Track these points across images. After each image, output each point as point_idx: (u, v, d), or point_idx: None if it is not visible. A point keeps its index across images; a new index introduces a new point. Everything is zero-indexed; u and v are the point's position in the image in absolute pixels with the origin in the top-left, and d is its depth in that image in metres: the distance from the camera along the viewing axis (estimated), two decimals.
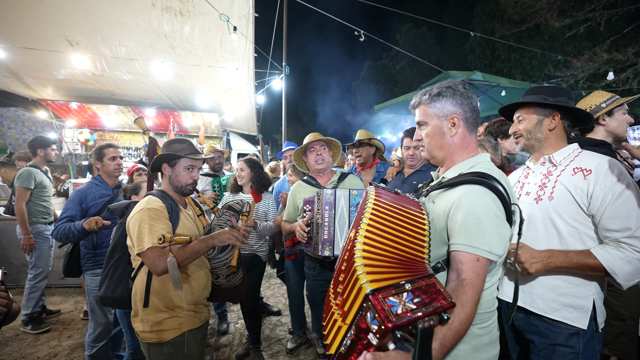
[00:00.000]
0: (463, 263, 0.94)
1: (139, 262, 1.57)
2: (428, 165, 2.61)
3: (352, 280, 0.79)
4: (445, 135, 1.14)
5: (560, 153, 1.39)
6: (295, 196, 2.28)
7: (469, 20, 16.12)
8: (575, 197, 1.26)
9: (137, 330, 1.57)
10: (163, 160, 1.67)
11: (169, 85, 7.37)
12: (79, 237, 2.30)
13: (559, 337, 1.28)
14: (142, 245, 1.44)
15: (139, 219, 1.48)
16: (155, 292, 1.54)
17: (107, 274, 1.65)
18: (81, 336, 3.09)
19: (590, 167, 1.27)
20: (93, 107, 8.19)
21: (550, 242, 1.32)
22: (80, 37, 5.50)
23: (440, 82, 1.19)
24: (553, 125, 1.40)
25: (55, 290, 4.16)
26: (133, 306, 1.59)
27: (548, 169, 1.41)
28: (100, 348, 2.40)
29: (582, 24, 9.17)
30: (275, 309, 3.71)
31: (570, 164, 1.34)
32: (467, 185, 1.01)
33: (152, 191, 1.70)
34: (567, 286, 1.28)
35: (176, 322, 1.56)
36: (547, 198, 1.34)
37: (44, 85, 7.39)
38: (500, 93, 6.77)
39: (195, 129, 9.40)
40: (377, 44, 25.46)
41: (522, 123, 1.46)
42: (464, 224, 0.96)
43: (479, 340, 1.05)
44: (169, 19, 5.17)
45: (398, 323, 0.65)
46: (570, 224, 1.28)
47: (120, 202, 1.84)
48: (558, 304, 1.29)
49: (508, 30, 11.65)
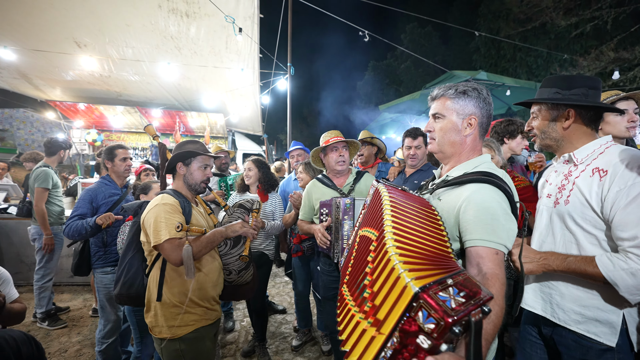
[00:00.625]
0: (483, 257, 0.95)
1: (153, 257, 1.61)
2: (429, 165, 2.63)
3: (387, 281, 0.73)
4: (460, 133, 1.14)
5: (583, 150, 1.24)
6: (311, 196, 2.28)
7: (473, 19, 16.03)
8: (591, 202, 1.15)
9: (150, 325, 1.60)
10: (179, 159, 1.72)
11: (175, 86, 7.44)
12: (91, 233, 2.34)
13: (589, 353, 1.17)
14: (159, 237, 1.49)
15: (155, 213, 1.53)
16: (168, 286, 1.58)
17: (123, 272, 1.68)
18: (90, 332, 3.15)
19: (607, 167, 1.14)
20: (100, 108, 8.30)
21: (569, 249, 1.22)
22: (88, 39, 5.59)
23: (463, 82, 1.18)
24: (567, 124, 1.26)
25: (64, 288, 4.23)
26: (146, 301, 1.62)
27: (569, 168, 1.28)
28: (110, 344, 2.45)
29: (588, 22, 9.08)
30: (281, 307, 3.74)
31: (592, 163, 1.20)
32: (476, 183, 1.03)
33: (164, 190, 1.76)
34: (589, 297, 1.17)
35: (190, 318, 1.59)
36: (563, 202, 1.24)
37: (53, 86, 7.51)
38: (505, 93, 6.73)
39: (201, 129, 9.48)
40: (381, 44, 25.40)
41: (535, 120, 1.36)
42: (479, 220, 0.97)
43: None
44: (175, 20, 5.23)
45: (457, 317, 0.60)
46: (587, 230, 1.17)
47: (133, 202, 1.89)
48: (580, 317, 1.18)
49: (513, 29, 11.58)
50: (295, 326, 3.31)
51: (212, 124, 9.21)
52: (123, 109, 8.40)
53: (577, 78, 1.26)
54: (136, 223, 1.71)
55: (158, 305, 1.57)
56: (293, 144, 3.68)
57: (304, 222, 2.32)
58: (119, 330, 2.54)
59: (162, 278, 1.58)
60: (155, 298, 1.57)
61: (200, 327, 1.62)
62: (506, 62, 13.90)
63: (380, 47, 24.06)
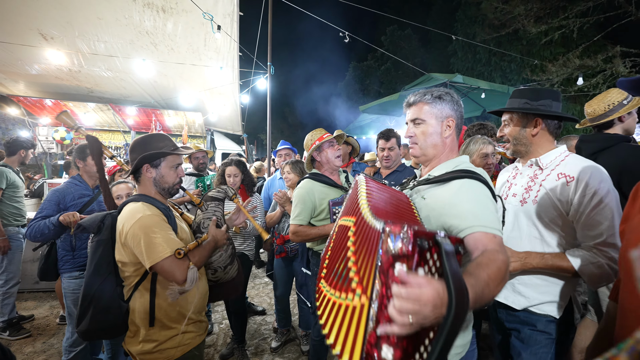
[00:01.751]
0: (483, 241, 0.95)
1: (138, 277, 1.41)
2: (404, 165, 2.69)
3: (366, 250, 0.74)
4: (441, 135, 1.21)
5: (547, 156, 1.41)
6: (314, 197, 2.10)
7: (451, 24, 16.50)
8: (557, 203, 1.31)
9: (134, 353, 1.41)
10: (146, 160, 1.49)
11: (150, 83, 7.19)
12: (55, 233, 2.21)
13: (538, 324, 1.36)
14: (156, 256, 1.31)
15: (141, 229, 1.34)
16: (162, 309, 1.41)
17: (90, 304, 1.37)
18: (57, 341, 2.99)
19: (573, 174, 1.29)
20: (69, 105, 7.88)
21: (533, 244, 1.38)
22: (55, 32, 5.28)
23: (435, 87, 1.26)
24: (535, 131, 1.42)
25: (28, 295, 3.99)
26: (130, 327, 1.43)
27: (535, 172, 1.44)
28: (78, 352, 2.34)
29: (556, 30, 9.57)
30: (260, 308, 3.70)
31: (556, 168, 1.37)
32: (461, 179, 1.08)
33: (131, 197, 1.53)
34: (545, 284, 1.35)
35: (187, 337, 1.48)
36: (531, 201, 1.38)
37: (15, 80, 7.05)
38: (480, 95, 6.97)
39: (179, 128, 9.21)
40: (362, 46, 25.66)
41: (507, 128, 1.49)
42: (472, 210, 1.01)
43: None
44: (151, 15, 5.05)
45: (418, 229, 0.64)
46: (551, 227, 1.34)
47: (93, 216, 1.52)
48: (537, 301, 1.36)
49: (488, 34, 12.02)
50: (274, 327, 3.28)
51: (190, 123, 8.98)
52: (95, 106, 8.02)
53: (543, 91, 1.43)
54: (102, 242, 1.42)
55: (150, 331, 1.40)
56: (282, 143, 3.64)
57: (305, 227, 2.12)
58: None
59: (152, 301, 1.39)
60: (147, 324, 1.39)
61: (196, 346, 1.52)
62: (482, 66, 14.40)
63: (361, 48, 24.29)
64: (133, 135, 8.98)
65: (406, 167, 2.65)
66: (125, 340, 1.46)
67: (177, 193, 1.65)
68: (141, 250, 1.33)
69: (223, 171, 2.81)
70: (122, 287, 1.45)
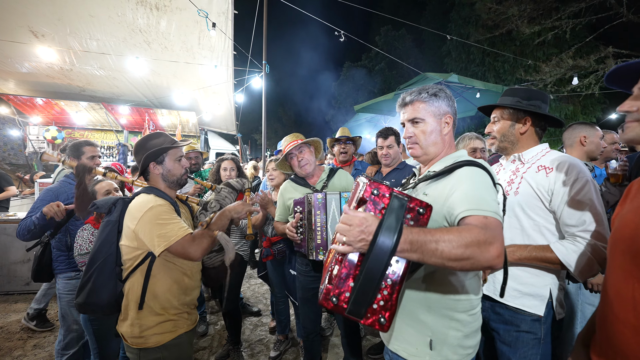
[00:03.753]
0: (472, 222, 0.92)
1: (137, 261, 1.48)
2: (404, 163, 2.68)
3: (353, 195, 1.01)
4: (441, 133, 1.20)
5: (529, 152, 1.47)
6: (284, 197, 2.22)
7: (445, 24, 16.62)
8: (538, 193, 1.35)
9: (125, 335, 1.49)
10: (150, 159, 1.58)
11: (144, 81, 7.11)
12: (41, 228, 2.14)
13: (523, 324, 1.36)
14: (170, 238, 1.40)
15: (154, 217, 1.42)
16: (152, 294, 1.47)
17: (90, 278, 1.48)
18: (49, 344, 2.93)
19: (552, 166, 1.35)
20: (61, 103, 7.74)
21: (513, 234, 1.41)
22: (46, 29, 5.20)
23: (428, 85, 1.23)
24: (524, 129, 1.46)
25: (18, 297, 3.91)
26: (123, 309, 1.50)
27: (517, 166, 1.49)
28: (71, 356, 2.28)
29: (549, 31, 9.69)
30: (256, 309, 3.66)
31: (536, 162, 1.42)
32: (461, 167, 1.07)
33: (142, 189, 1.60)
34: (526, 276, 1.37)
35: (172, 325, 1.51)
36: (513, 193, 1.43)
37: (5, 78, 6.93)
38: (475, 95, 7.01)
39: (172, 128, 9.12)
40: (356, 45, 25.70)
41: (497, 125, 1.53)
42: (467, 194, 0.99)
43: (470, 327, 1.11)
44: (144, 13, 4.99)
45: (377, 183, 0.90)
46: (532, 217, 1.37)
47: (107, 198, 1.67)
48: (518, 293, 1.37)
49: (482, 35, 12.13)
50: (271, 328, 3.25)
51: (183, 122, 8.89)
52: (87, 104, 7.90)
53: (535, 92, 1.48)
54: (111, 222, 1.54)
55: (138, 315, 1.45)
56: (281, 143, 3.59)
57: (279, 223, 2.27)
58: (82, 341, 2.36)
59: (145, 284, 1.46)
60: (137, 307, 1.45)
61: (182, 333, 1.55)
62: (475, 66, 14.52)
63: (355, 48, 24.33)
64: (126, 134, 8.87)
65: (407, 165, 2.64)
66: (118, 323, 1.53)
67: (186, 183, 1.71)
68: (152, 236, 1.40)
69: (219, 167, 2.79)
70: (120, 269, 1.52)
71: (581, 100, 11.47)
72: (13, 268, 3.91)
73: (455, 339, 1.09)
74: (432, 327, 1.10)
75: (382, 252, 0.81)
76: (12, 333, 3.13)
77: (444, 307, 1.09)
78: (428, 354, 1.09)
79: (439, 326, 1.09)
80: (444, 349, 1.08)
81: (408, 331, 1.15)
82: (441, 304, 1.09)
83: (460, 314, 1.09)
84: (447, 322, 1.09)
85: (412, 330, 1.13)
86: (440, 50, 17.66)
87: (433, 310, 1.10)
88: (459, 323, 1.09)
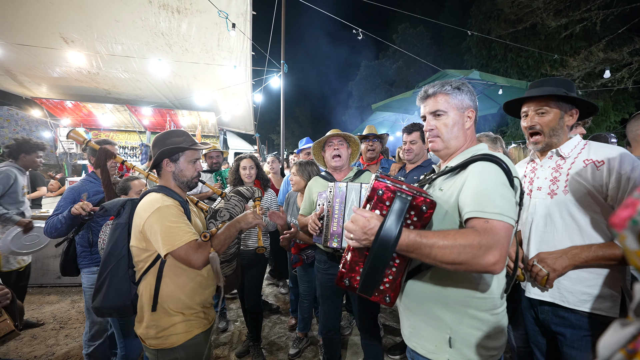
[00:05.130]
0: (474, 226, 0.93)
1: (148, 263, 1.47)
2: (429, 161, 2.63)
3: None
4: (463, 127, 1.17)
5: (567, 146, 1.38)
6: (311, 190, 2.31)
7: (465, 20, 16.21)
8: (591, 189, 1.26)
9: (142, 337, 1.49)
10: (165, 155, 1.55)
11: (165, 83, 7.32)
12: (67, 226, 2.23)
13: (596, 328, 1.26)
14: (174, 243, 1.36)
15: (160, 218, 1.39)
16: (165, 295, 1.45)
17: (104, 282, 1.47)
18: (79, 335, 3.06)
19: (602, 159, 1.26)
20: (88, 106, 8.11)
21: (572, 236, 1.30)
22: (75, 35, 5.44)
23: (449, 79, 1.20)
24: (571, 122, 1.37)
25: (51, 290, 4.12)
26: (138, 311, 1.50)
27: (556, 162, 1.39)
28: (97, 347, 2.37)
29: (578, 23, 9.24)
30: (275, 306, 3.69)
31: (579, 156, 1.33)
32: (475, 162, 1.04)
33: (152, 188, 1.58)
34: (593, 277, 1.27)
35: (187, 325, 1.49)
36: (561, 192, 1.33)
37: (38, 83, 7.31)
38: (498, 92, 6.78)
39: (192, 128, 9.34)
40: (373, 44, 25.50)
41: (545, 116, 1.38)
42: (473, 193, 0.98)
43: (492, 327, 1.07)
44: (166, 16, 5.13)
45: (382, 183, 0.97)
46: (589, 215, 1.27)
47: (115, 200, 1.65)
48: (587, 296, 1.27)
49: (504, 30, 11.71)
50: (290, 325, 3.27)
51: (203, 123, 9.09)
52: (112, 107, 8.22)
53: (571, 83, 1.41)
54: (120, 225, 1.52)
55: (152, 316, 1.45)
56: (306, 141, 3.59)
57: (302, 217, 2.33)
58: (107, 332, 2.46)
59: (157, 286, 1.45)
60: (150, 309, 1.44)
61: (199, 333, 1.53)
62: (497, 63, 14.07)
63: (372, 47, 24.15)
64: (148, 135, 9.15)
65: (431, 162, 2.59)
66: (135, 324, 1.53)
67: (195, 186, 1.67)
68: (157, 238, 1.37)
69: (237, 166, 2.80)
70: (133, 270, 1.52)
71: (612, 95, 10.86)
72: (46, 262, 4.12)
73: (476, 338, 1.05)
74: (450, 324, 1.07)
75: (382, 250, 0.91)
76: (47, 323, 3.29)
77: (461, 304, 1.06)
78: (447, 351, 1.07)
79: (457, 323, 1.06)
80: (464, 348, 1.05)
81: (426, 329, 1.12)
82: (458, 301, 1.06)
83: (481, 313, 1.06)
84: (466, 320, 1.06)
85: (430, 328, 1.11)
86: (459, 47, 17.24)
87: (450, 306, 1.07)
88: (479, 322, 1.05)
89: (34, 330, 3.14)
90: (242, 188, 1.83)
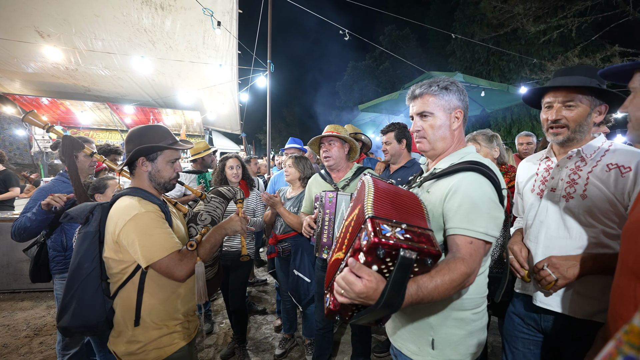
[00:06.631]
0: (459, 245, 0.97)
1: (126, 275, 1.32)
2: (413, 161, 2.67)
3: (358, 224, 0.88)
4: (450, 128, 1.16)
5: (590, 147, 1.24)
6: (310, 190, 2.34)
7: (450, 23, 16.51)
8: (612, 196, 1.15)
9: (119, 354, 1.34)
10: (141, 153, 1.40)
11: (148, 81, 7.14)
12: (38, 223, 2.04)
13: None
14: (152, 256, 1.25)
15: (138, 226, 1.26)
16: (147, 308, 1.33)
17: (73, 298, 1.28)
18: (54, 342, 2.93)
19: (629, 165, 1.14)
20: (66, 103, 7.81)
21: (585, 243, 1.21)
22: (51, 29, 5.23)
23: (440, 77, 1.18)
24: (599, 119, 1.23)
25: (24, 295, 3.93)
26: (115, 326, 1.36)
27: (576, 163, 1.26)
28: (72, 356, 2.24)
29: (555, 29, 9.58)
30: (260, 307, 3.66)
31: (602, 159, 1.21)
32: (463, 172, 1.04)
33: (125, 190, 1.41)
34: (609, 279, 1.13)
35: (170, 338, 1.38)
36: (579, 196, 1.21)
37: (11, 78, 6.98)
38: (480, 94, 6.96)
39: (177, 127, 9.16)
40: (360, 45, 25.67)
41: (574, 110, 1.22)
42: (461, 208, 0.99)
43: (473, 326, 1.09)
44: (149, 12, 5.01)
45: (383, 241, 0.75)
46: (605, 223, 1.17)
47: (82, 205, 1.39)
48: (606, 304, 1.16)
49: (487, 33, 12.02)
50: (276, 326, 3.24)
51: (188, 122, 8.93)
52: (92, 104, 7.96)
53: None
54: (89, 234, 1.33)
55: (134, 332, 1.32)
56: (291, 141, 3.57)
57: (303, 214, 2.36)
58: (82, 341, 2.33)
59: (139, 299, 1.32)
60: (132, 324, 1.31)
61: (184, 345, 1.42)
62: (480, 65, 14.41)
63: (359, 48, 24.33)
64: None
65: (415, 162, 2.62)
66: (110, 340, 1.38)
67: (172, 188, 1.54)
68: (136, 249, 1.25)
69: (223, 166, 2.76)
70: (107, 283, 1.36)
71: None
72: (19, 266, 3.94)
73: (458, 337, 1.07)
74: (434, 326, 1.08)
75: (383, 312, 0.82)
76: (19, 331, 3.14)
77: (446, 306, 1.08)
78: (430, 353, 1.09)
79: (441, 326, 1.08)
80: (446, 349, 1.07)
81: (410, 330, 1.14)
82: (444, 303, 1.07)
83: (463, 312, 1.08)
84: (449, 322, 1.07)
85: (414, 330, 1.13)
86: (444, 50, 17.57)
87: (436, 309, 1.08)
88: (462, 321, 1.07)
89: (5, 338, 2.98)
90: (222, 188, 1.71)
